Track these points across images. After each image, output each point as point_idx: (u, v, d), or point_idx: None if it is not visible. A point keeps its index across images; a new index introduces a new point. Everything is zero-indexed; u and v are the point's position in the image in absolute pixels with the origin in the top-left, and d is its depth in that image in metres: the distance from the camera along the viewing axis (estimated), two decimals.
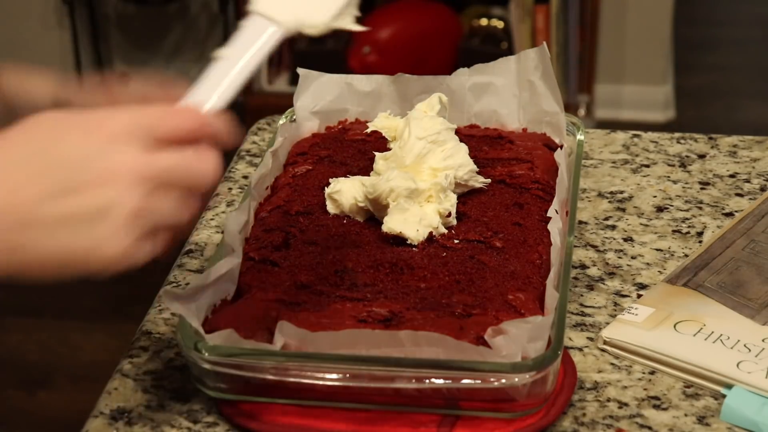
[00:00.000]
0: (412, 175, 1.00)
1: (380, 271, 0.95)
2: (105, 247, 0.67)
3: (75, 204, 0.66)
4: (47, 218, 0.66)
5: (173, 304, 0.86)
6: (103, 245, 0.67)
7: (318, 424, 0.86)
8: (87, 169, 0.67)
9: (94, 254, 0.67)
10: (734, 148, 1.31)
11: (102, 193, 0.67)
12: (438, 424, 0.85)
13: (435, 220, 0.99)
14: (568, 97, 3.30)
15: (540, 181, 1.06)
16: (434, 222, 0.99)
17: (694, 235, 1.13)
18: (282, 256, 0.97)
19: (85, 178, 0.67)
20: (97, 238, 0.67)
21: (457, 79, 1.17)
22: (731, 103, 3.59)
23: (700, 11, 4.20)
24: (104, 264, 0.68)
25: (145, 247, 0.70)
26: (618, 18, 3.40)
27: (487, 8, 3.41)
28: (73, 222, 0.67)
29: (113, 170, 0.67)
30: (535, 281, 0.94)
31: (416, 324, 0.87)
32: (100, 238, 0.67)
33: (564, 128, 1.14)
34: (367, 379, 0.84)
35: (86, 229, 0.67)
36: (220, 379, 0.86)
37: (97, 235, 0.67)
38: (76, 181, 0.67)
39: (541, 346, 0.84)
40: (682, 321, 0.97)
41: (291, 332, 0.84)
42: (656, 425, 0.88)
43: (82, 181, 0.67)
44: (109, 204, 0.67)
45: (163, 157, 0.69)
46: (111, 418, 0.89)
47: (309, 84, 1.18)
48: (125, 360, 0.96)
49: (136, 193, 0.68)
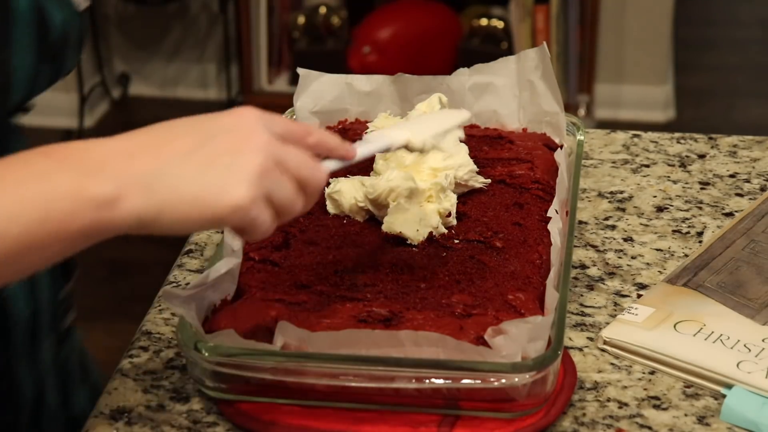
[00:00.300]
0: (412, 175, 1.00)
1: (380, 271, 0.95)
2: (232, 191, 0.74)
3: (210, 155, 0.75)
4: (185, 166, 0.74)
5: (173, 304, 0.86)
6: (230, 189, 0.74)
7: (318, 424, 0.86)
8: (225, 135, 0.76)
9: (222, 197, 0.74)
10: (734, 148, 1.31)
11: (234, 149, 0.76)
12: (438, 424, 0.85)
13: (435, 220, 0.99)
14: (568, 97, 3.30)
15: (540, 181, 1.06)
16: (434, 222, 0.99)
17: (694, 235, 1.13)
18: (282, 256, 0.97)
19: (223, 139, 0.76)
20: (225, 183, 0.74)
21: (457, 79, 1.17)
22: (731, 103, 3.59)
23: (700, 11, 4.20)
24: (229, 208, 0.74)
25: (264, 210, 0.77)
26: (618, 18, 3.40)
27: (487, 8, 3.42)
28: (207, 169, 0.75)
29: (247, 138, 0.76)
30: (535, 281, 0.94)
31: (416, 324, 0.87)
32: (228, 183, 0.74)
33: (564, 128, 1.14)
34: (367, 379, 0.84)
35: (217, 174, 0.75)
36: (220, 379, 0.86)
37: (226, 181, 0.74)
38: (213, 140, 0.76)
39: (541, 346, 0.84)
40: (682, 321, 0.97)
41: (291, 332, 0.84)
42: (656, 425, 0.88)
43: (220, 141, 0.76)
44: (239, 159, 0.75)
45: (289, 147, 0.79)
46: (111, 418, 0.89)
47: (309, 84, 1.18)
48: (125, 360, 0.96)
49: (264, 156, 0.76)
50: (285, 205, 0.78)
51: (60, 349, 1.04)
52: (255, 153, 0.76)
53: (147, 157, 0.74)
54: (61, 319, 1.03)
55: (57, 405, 1.03)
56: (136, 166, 0.73)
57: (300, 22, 3.44)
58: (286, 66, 3.50)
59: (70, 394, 1.07)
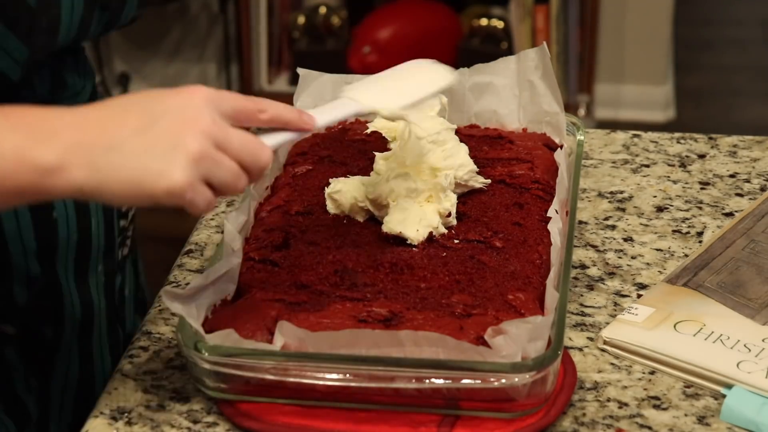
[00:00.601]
0: (412, 175, 1.00)
1: (380, 271, 0.95)
2: (168, 175, 0.78)
3: (153, 137, 0.78)
4: (128, 145, 0.78)
5: (173, 304, 0.86)
6: (166, 173, 0.78)
7: (318, 424, 0.86)
8: (171, 116, 0.80)
9: (161, 179, 0.78)
10: (734, 148, 1.31)
11: (177, 132, 0.79)
12: (438, 424, 0.85)
13: (435, 219, 0.99)
14: (568, 97, 3.30)
15: (540, 181, 1.06)
16: (434, 222, 0.99)
17: (694, 235, 1.13)
18: (282, 256, 0.97)
19: (168, 121, 0.79)
20: (165, 166, 0.78)
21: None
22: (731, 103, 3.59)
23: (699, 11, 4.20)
24: (164, 191, 0.78)
25: (201, 191, 0.79)
26: (618, 18, 3.40)
27: (487, 8, 3.41)
28: (148, 151, 0.78)
29: (190, 121, 0.79)
30: (535, 281, 0.94)
31: (416, 324, 0.87)
32: (168, 166, 0.78)
33: (564, 128, 1.14)
34: (367, 379, 0.84)
35: (158, 157, 0.78)
36: (220, 379, 0.86)
37: (166, 164, 0.78)
38: (158, 122, 0.79)
39: (541, 346, 0.84)
40: (682, 321, 0.97)
41: (291, 332, 0.84)
42: (656, 425, 0.88)
43: (165, 122, 0.79)
44: (180, 142, 0.78)
45: (231, 129, 0.82)
46: (111, 418, 0.89)
47: (309, 84, 1.18)
48: (125, 360, 0.96)
49: (204, 141, 0.79)
50: (225, 185, 0.81)
51: (113, 278, 1.09)
52: (195, 137, 0.79)
53: (95, 131, 0.78)
54: (114, 251, 1.09)
55: (106, 327, 1.08)
56: (83, 140, 0.78)
57: (300, 22, 3.44)
58: (286, 66, 3.50)
59: (122, 320, 1.12)
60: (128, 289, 1.13)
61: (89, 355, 1.06)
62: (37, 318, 1.01)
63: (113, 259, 1.08)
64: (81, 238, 1.02)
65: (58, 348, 1.03)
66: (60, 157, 0.76)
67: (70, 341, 1.04)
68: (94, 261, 1.05)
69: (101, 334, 1.07)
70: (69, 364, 1.04)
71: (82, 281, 1.04)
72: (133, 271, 1.16)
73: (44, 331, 1.01)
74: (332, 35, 3.43)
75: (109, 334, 1.08)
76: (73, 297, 1.03)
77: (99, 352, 1.07)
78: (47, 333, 1.02)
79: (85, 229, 1.03)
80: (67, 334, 1.03)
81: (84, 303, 1.04)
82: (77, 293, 1.03)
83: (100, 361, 1.08)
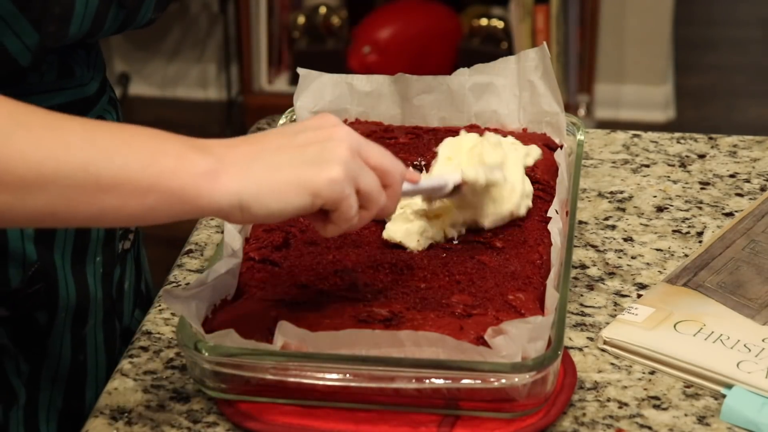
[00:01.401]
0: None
1: (380, 271, 0.95)
2: (327, 168, 0.79)
3: (301, 143, 0.81)
4: (279, 152, 0.80)
5: (173, 304, 0.86)
6: (325, 167, 0.79)
7: (318, 424, 0.86)
8: (312, 130, 0.82)
9: (318, 172, 0.79)
10: (734, 148, 1.31)
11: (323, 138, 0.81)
12: (438, 424, 0.85)
13: (438, 234, 0.98)
14: (568, 97, 3.30)
15: (540, 181, 1.06)
16: (437, 237, 0.98)
17: (694, 235, 1.13)
18: (282, 256, 0.97)
19: (310, 133, 0.82)
20: (319, 163, 0.80)
21: (457, 79, 1.17)
22: (731, 103, 3.59)
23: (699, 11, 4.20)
24: (326, 180, 0.79)
25: (353, 192, 0.81)
26: (618, 18, 3.40)
27: (487, 8, 3.42)
28: (299, 153, 0.80)
29: (331, 130, 0.82)
30: (535, 281, 0.94)
31: (416, 324, 0.87)
32: (322, 162, 0.80)
33: (564, 128, 1.14)
34: (367, 379, 0.84)
35: (310, 157, 0.80)
36: (220, 379, 0.86)
37: (320, 161, 0.80)
38: (304, 134, 0.82)
39: (541, 346, 0.84)
40: (682, 321, 0.97)
41: (291, 332, 0.84)
42: (656, 425, 0.88)
43: (308, 134, 0.82)
44: (328, 145, 0.81)
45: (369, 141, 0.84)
46: (111, 418, 0.89)
47: (309, 84, 1.18)
48: (125, 360, 0.96)
49: (349, 145, 0.81)
50: (370, 193, 0.83)
51: (112, 270, 1.09)
52: (341, 141, 0.81)
53: (244, 146, 0.80)
54: (114, 243, 1.08)
55: (101, 318, 1.08)
56: (235, 152, 0.79)
57: (300, 22, 3.44)
58: (286, 66, 3.50)
59: (120, 313, 1.12)
60: (128, 283, 1.13)
61: (82, 345, 1.06)
62: (30, 302, 1.01)
63: (113, 251, 1.08)
64: (78, 228, 1.02)
65: (50, 334, 1.03)
66: (218, 162, 0.77)
67: (62, 328, 1.04)
68: (93, 251, 1.05)
69: (96, 324, 1.07)
70: (61, 351, 1.04)
71: (79, 270, 1.04)
72: (135, 267, 1.16)
73: (37, 316, 1.01)
74: (332, 35, 3.43)
75: (104, 326, 1.08)
76: (68, 284, 1.03)
77: (93, 342, 1.07)
78: (40, 318, 1.02)
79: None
80: (60, 321, 1.03)
81: (80, 291, 1.04)
82: (73, 281, 1.03)
83: (93, 351, 1.08)
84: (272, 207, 0.78)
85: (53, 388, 1.05)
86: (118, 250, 1.10)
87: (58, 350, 1.04)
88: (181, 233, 1.24)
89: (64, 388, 1.06)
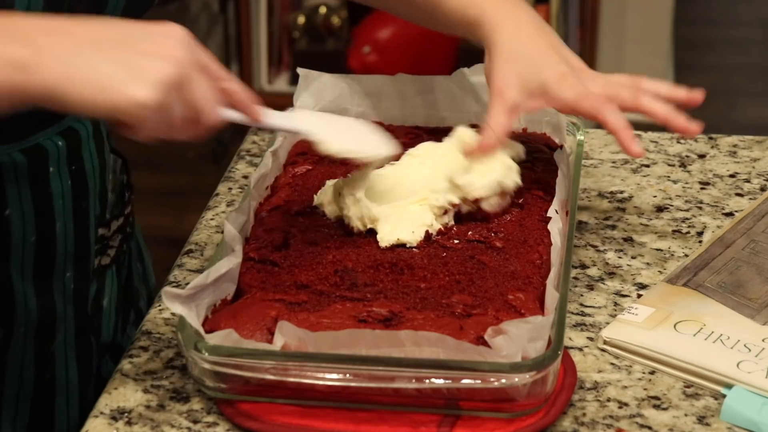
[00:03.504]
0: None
1: (380, 271, 0.95)
2: (138, 87, 0.78)
3: (129, 49, 0.80)
4: (104, 53, 0.79)
5: (173, 304, 0.86)
6: (137, 85, 0.78)
7: (318, 424, 0.86)
8: (149, 39, 0.82)
9: (126, 89, 0.78)
10: (734, 148, 1.31)
11: (152, 53, 0.80)
12: (438, 424, 0.85)
13: (428, 217, 0.98)
14: None
15: (540, 181, 1.06)
16: (427, 220, 0.98)
17: (694, 235, 1.13)
18: (282, 256, 0.97)
19: (145, 42, 0.81)
20: (132, 78, 0.79)
21: (457, 79, 1.17)
22: (731, 103, 3.59)
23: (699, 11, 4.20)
24: (133, 101, 0.78)
25: (158, 117, 0.80)
26: (618, 18, 3.40)
27: None
28: (120, 59, 0.79)
29: (168, 48, 0.81)
30: (535, 281, 0.94)
31: (416, 324, 0.87)
32: (136, 79, 0.79)
33: (564, 128, 1.14)
34: (367, 379, 0.84)
35: (128, 68, 0.79)
36: (220, 379, 0.86)
37: (135, 76, 0.79)
38: (138, 41, 0.81)
39: (541, 346, 0.84)
40: (682, 321, 0.97)
41: (291, 332, 0.84)
42: (656, 425, 0.88)
43: (142, 42, 0.81)
44: (153, 62, 0.80)
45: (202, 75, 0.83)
46: (111, 418, 0.89)
47: (309, 84, 1.18)
48: (125, 360, 0.96)
49: (176, 71, 0.80)
50: (173, 124, 0.82)
51: (85, 286, 1.06)
52: (170, 63, 0.80)
53: (70, 37, 0.80)
54: (89, 259, 1.06)
55: (73, 335, 1.06)
56: (56, 43, 0.79)
57: (300, 22, 3.44)
58: (286, 66, 3.50)
59: (96, 329, 1.09)
60: (108, 299, 1.10)
61: (49, 362, 1.04)
62: None
63: (86, 266, 1.05)
64: (41, 240, 0.99)
65: (8, 350, 1.00)
66: (33, 54, 0.78)
67: (24, 344, 1.01)
68: (61, 267, 1.02)
69: (66, 340, 1.04)
70: (23, 367, 1.02)
71: (42, 285, 1.01)
72: (121, 282, 1.13)
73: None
74: (332, 35, 3.43)
75: (76, 342, 1.06)
76: (28, 300, 1.00)
77: (63, 359, 1.05)
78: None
79: (46, 231, 0.99)
80: (19, 337, 1.01)
81: (42, 308, 1.01)
82: (34, 297, 1.00)
83: (63, 368, 1.05)
84: (77, 107, 0.79)
85: (18, 404, 1.03)
86: (93, 266, 1.06)
87: (19, 366, 1.02)
88: (181, 233, 1.24)
89: (29, 405, 1.04)
